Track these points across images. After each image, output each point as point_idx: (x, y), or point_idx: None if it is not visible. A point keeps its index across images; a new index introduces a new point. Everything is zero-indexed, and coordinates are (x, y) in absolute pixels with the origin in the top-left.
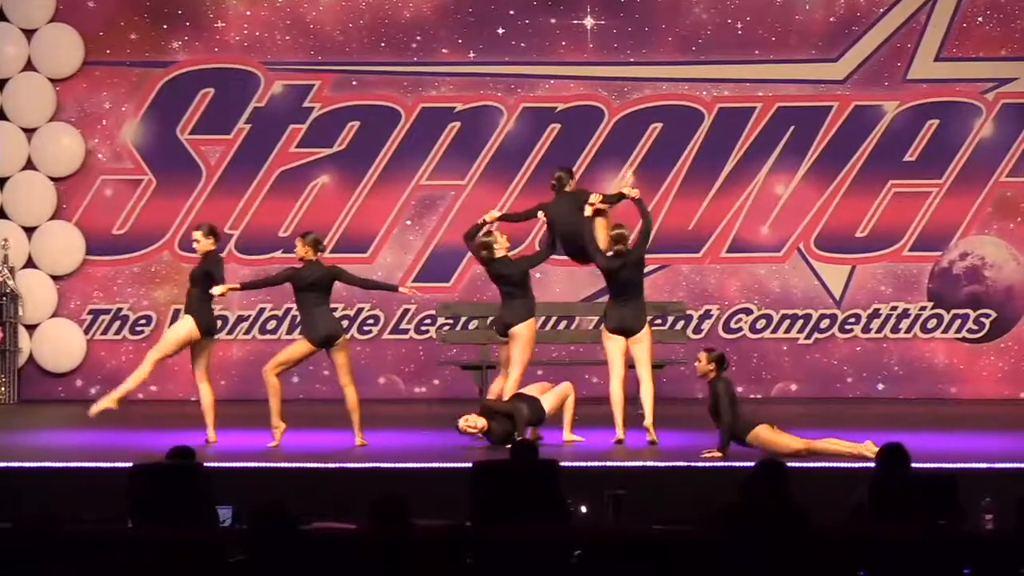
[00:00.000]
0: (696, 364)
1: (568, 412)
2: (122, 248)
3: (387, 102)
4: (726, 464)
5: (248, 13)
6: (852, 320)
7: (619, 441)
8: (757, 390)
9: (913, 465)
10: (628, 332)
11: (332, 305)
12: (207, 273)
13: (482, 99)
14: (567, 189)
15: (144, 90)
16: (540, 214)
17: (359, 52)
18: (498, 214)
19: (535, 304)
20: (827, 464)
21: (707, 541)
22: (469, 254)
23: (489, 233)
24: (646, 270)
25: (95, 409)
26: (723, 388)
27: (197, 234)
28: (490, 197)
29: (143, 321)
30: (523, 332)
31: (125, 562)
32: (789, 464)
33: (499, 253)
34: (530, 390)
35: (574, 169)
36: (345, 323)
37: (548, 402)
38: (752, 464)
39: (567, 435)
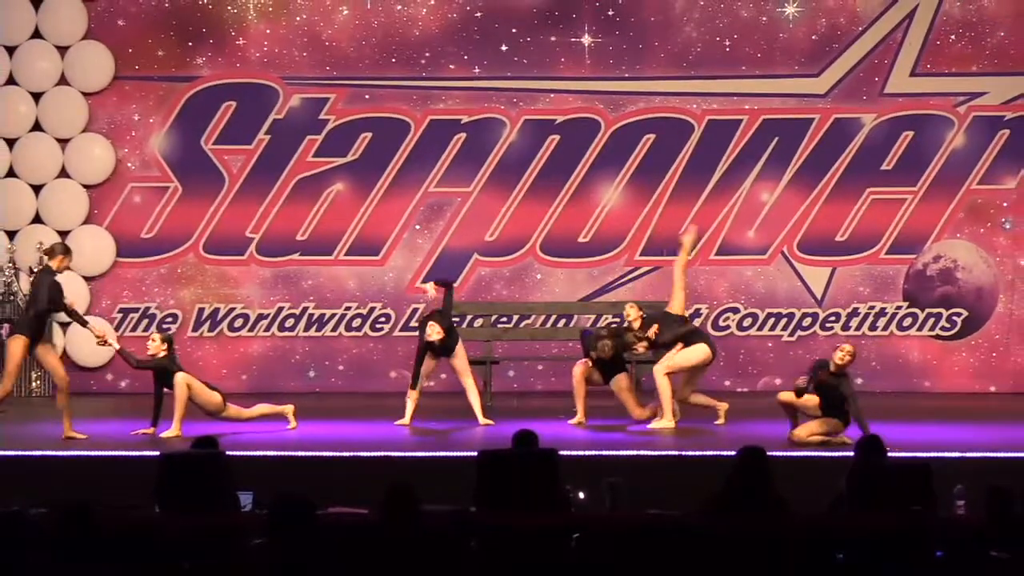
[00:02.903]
0: (845, 357)
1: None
2: (150, 251)
3: (397, 114)
4: (716, 453)
5: (268, 31)
6: (832, 319)
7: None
8: (743, 384)
9: (889, 454)
10: None
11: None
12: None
13: (486, 111)
14: None
15: (171, 103)
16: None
17: (371, 68)
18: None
19: None
20: (808, 453)
21: (698, 525)
22: (475, 256)
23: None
24: (642, 271)
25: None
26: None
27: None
28: (494, 203)
29: (170, 319)
30: None
31: (153, 545)
32: (772, 453)
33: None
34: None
35: (572, 177)
36: (357, 321)
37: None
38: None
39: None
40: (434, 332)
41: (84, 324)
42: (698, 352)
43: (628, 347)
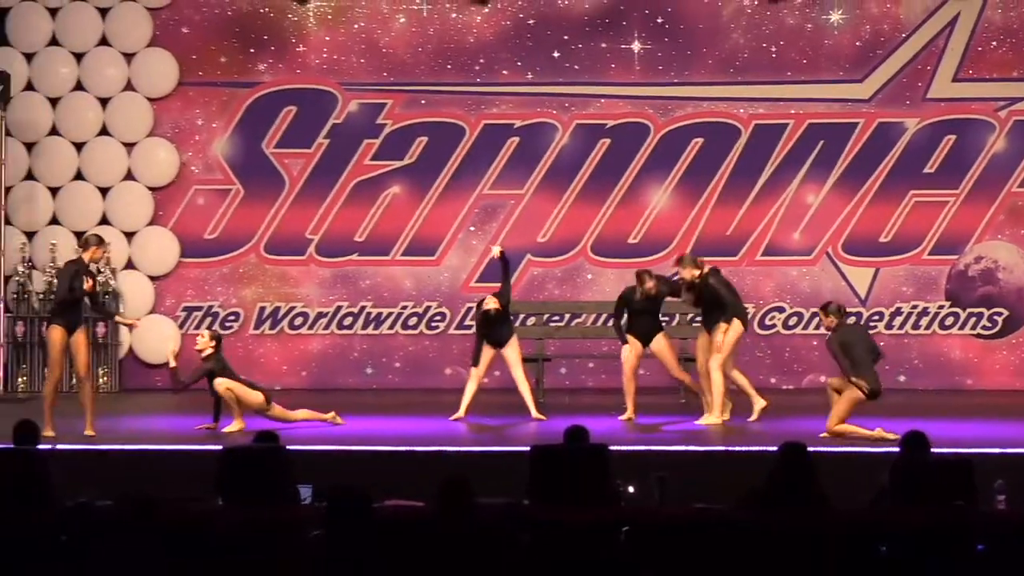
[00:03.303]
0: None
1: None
2: (213, 251)
3: (453, 119)
4: (760, 448)
5: (327, 38)
6: (876, 317)
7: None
8: (789, 381)
9: (932, 450)
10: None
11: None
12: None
13: (539, 116)
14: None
15: (233, 108)
16: None
17: (427, 73)
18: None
19: None
20: (849, 449)
21: (744, 519)
22: (527, 257)
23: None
24: None
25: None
26: (837, 337)
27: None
28: (546, 205)
29: (232, 317)
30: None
31: (215, 536)
32: (813, 448)
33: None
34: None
35: (622, 180)
36: (413, 320)
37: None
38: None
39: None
40: (491, 302)
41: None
42: (736, 330)
43: (673, 291)
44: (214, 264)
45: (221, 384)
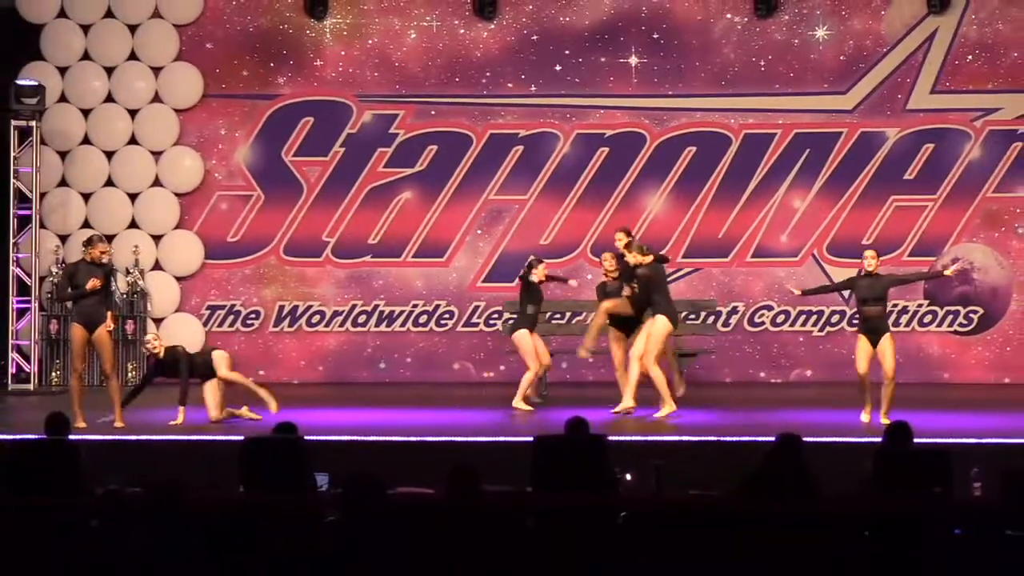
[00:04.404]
0: (872, 261)
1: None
2: (235, 253)
3: (461, 129)
4: (752, 438)
5: (343, 53)
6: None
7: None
8: (777, 375)
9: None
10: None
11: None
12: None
13: (542, 126)
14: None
15: (254, 119)
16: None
17: (437, 86)
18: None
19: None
20: (838, 439)
21: (736, 505)
22: (531, 258)
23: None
24: (683, 272)
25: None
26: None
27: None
28: (549, 210)
29: (253, 315)
30: None
31: (237, 520)
32: (805, 439)
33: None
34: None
35: (620, 186)
36: (424, 317)
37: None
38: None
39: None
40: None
41: (109, 308)
42: (664, 326)
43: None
44: (236, 265)
45: (227, 378)
